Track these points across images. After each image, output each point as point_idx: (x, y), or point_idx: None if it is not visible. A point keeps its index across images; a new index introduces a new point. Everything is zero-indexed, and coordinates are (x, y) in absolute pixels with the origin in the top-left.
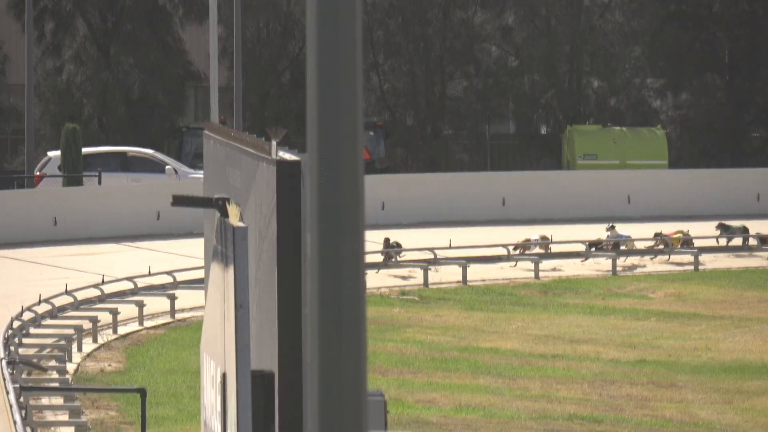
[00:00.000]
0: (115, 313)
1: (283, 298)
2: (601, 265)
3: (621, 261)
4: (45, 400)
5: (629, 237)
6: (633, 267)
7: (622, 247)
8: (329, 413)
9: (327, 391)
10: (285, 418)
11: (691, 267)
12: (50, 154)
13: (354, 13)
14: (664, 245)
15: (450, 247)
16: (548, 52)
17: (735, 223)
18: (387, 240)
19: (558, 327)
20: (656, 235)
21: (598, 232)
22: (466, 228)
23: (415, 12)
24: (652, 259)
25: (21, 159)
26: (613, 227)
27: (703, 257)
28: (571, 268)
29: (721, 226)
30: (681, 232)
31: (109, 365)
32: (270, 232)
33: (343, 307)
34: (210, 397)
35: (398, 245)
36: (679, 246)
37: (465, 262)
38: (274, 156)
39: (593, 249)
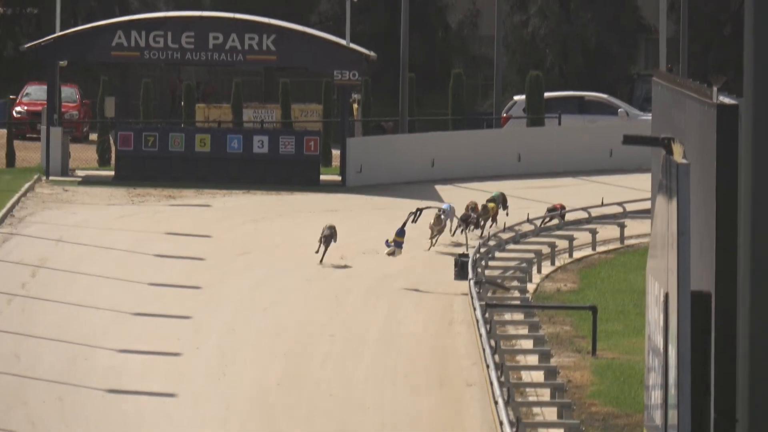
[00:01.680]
0: (571, 239)
1: (720, 227)
2: None
3: None
4: (507, 316)
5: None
6: None
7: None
8: (758, 331)
9: (757, 311)
10: (720, 335)
11: None
12: (516, 98)
13: None
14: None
15: None
16: None
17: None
18: None
19: None
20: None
21: None
22: None
23: None
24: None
25: (490, 102)
26: None
27: None
28: None
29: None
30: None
31: (565, 285)
32: (710, 167)
33: None
34: (654, 314)
35: None
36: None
37: None
38: (714, 100)
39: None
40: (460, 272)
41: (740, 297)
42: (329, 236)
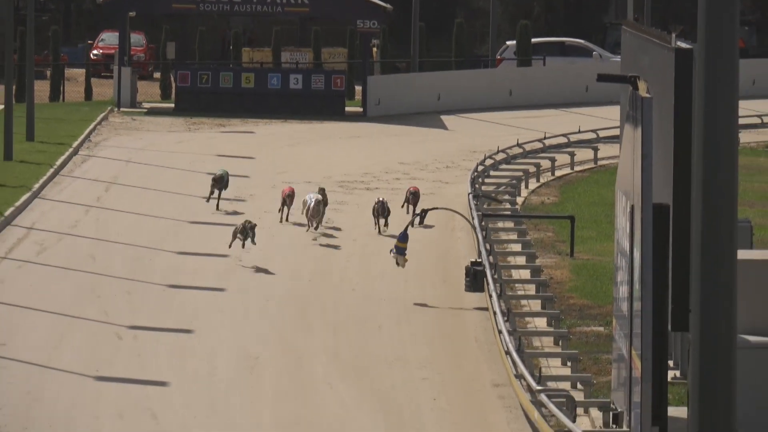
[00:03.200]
0: (553, 160)
1: (677, 150)
2: None
3: None
4: (500, 224)
5: None
6: None
7: None
8: (708, 237)
9: (707, 220)
10: (676, 240)
11: None
12: (508, 43)
13: None
14: None
15: None
16: None
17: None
18: None
19: None
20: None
21: None
22: None
23: None
24: None
25: (486, 47)
26: None
27: None
28: None
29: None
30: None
31: (548, 199)
32: (668, 101)
33: (720, 157)
34: (621, 223)
35: None
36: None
37: None
38: (673, 45)
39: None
40: (473, 283)
41: (693, 208)
42: (219, 181)
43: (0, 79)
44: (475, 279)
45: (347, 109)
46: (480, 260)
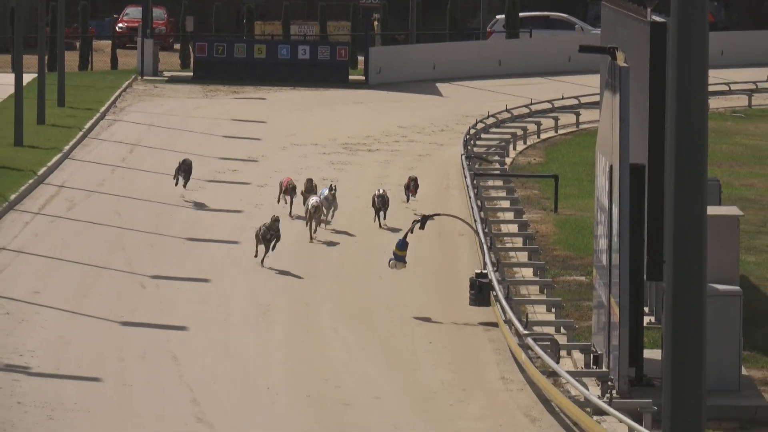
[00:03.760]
0: (538, 124)
1: (652, 115)
2: None
3: None
4: (490, 182)
5: None
6: None
7: None
8: (680, 194)
9: (679, 179)
10: (651, 197)
11: None
12: (498, 17)
13: None
14: None
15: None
16: None
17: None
18: None
19: None
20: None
21: None
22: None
23: None
24: None
25: (478, 20)
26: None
27: None
28: None
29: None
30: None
31: (534, 159)
32: (644, 69)
33: (692, 121)
34: (601, 182)
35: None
36: None
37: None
38: (648, 19)
39: None
40: (477, 296)
41: (667, 168)
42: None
43: (33, 50)
44: (480, 292)
45: (350, 77)
46: (485, 272)
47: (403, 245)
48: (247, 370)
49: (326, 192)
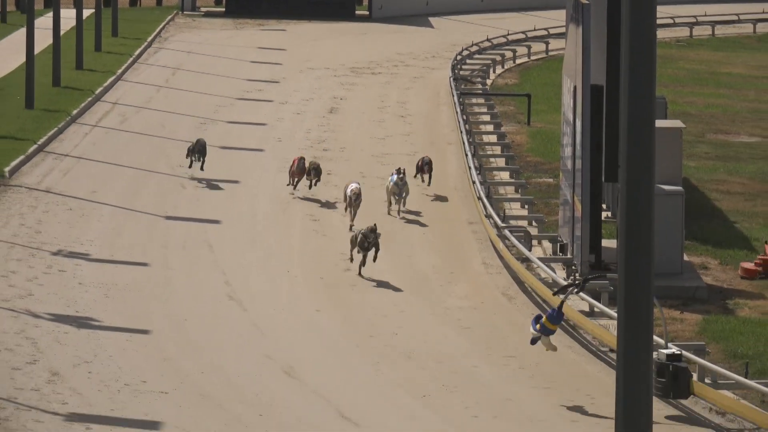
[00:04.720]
0: (514, 51)
1: (609, 43)
2: None
3: None
4: (474, 100)
5: None
6: None
7: None
8: (632, 109)
9: (631, 97)
10: (608, 112)
11: None
12: None
13: None
14: None
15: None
16: None
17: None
18: None
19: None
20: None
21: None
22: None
23: None
24: None
25: None
26: None
27: None
28: None
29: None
30: None
31: (510, 81)
32: (603, 5)
33: (642, 47)
34: (567, 100)
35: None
36: None
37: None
38: None
39: None
40: (672, 386)
41: (621, 87)
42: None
43: None
44: (675, 379)
45: (357, 12)
46: (676, 350)
47: (557, 318)
48: (270, 257)
49: (395, 177)
